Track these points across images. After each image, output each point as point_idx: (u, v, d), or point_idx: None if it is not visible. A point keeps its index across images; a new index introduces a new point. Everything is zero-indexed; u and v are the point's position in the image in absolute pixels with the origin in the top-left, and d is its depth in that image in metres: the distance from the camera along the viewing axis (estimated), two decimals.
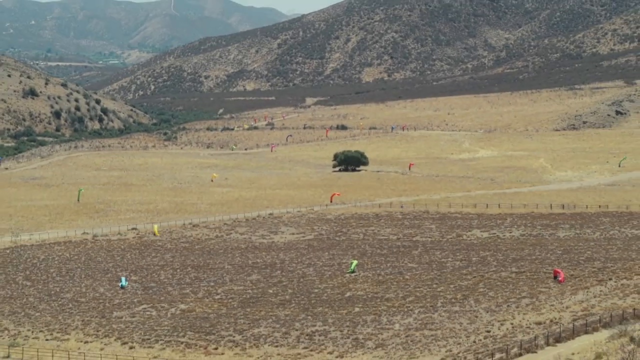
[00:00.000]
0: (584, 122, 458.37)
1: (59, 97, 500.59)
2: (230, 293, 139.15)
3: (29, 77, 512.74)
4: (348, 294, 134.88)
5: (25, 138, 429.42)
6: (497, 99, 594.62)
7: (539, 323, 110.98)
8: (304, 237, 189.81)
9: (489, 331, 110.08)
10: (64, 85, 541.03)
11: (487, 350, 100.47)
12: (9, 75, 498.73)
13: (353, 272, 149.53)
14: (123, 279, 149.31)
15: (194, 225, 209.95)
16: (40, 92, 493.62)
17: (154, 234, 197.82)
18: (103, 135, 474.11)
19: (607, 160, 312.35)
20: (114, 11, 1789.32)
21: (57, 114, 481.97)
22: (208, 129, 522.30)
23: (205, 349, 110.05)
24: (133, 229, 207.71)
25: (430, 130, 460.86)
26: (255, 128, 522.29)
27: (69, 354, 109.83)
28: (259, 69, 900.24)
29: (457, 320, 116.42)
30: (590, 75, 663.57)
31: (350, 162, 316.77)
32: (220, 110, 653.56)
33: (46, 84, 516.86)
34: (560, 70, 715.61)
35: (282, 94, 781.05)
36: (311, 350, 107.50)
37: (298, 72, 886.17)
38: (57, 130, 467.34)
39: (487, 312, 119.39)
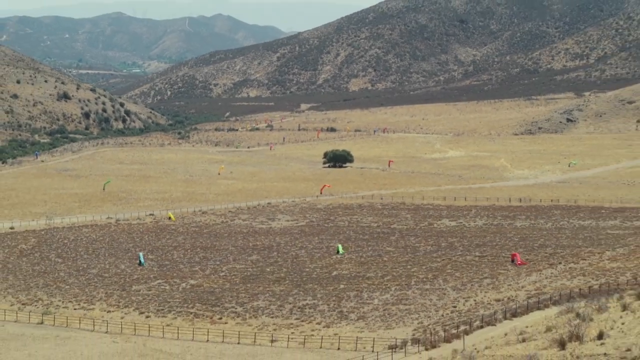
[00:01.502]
0: (539, 128, 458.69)
1: (88, 100, 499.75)
2: (233, 271, 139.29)
3: (62, 83, 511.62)
4: (334, 273, 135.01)
5: (59, 135, 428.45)
6: (464, 107, 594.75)
7: (498, 300, 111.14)
8: (297, 223, 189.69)
9: (455, 306, 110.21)
10: (93, 90, 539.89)
11: (454, 323, 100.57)
12: (46, 81, 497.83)
13: (340, 253, 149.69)
14: (141, 254, 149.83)
15: (203, 212, 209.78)
16: (72, 95, 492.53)
17: (169, 219, 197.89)
18: (126, 134, 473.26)
19: (559, 161, 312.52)
20: (137, 27, 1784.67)
21: (86, 115, 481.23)
22: (216, 129, 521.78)
23: (211, 319, 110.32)
24: (150, 214, 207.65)
25: (407, 133, 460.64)
26: (257, 129, 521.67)
27: (94, 322, 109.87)
28: (261, 79, 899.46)
29: (427, 296, 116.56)
30: (545, 87, 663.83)
31: (338, 159, 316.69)
32: (227, 114, 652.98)
33: (77, 88, 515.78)
34: (520, 83, 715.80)
35: (280, 100, 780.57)
36: (302, 321, 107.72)
37: (294, 82, 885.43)
38: (87, 129, 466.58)
39: (454, 290, 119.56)
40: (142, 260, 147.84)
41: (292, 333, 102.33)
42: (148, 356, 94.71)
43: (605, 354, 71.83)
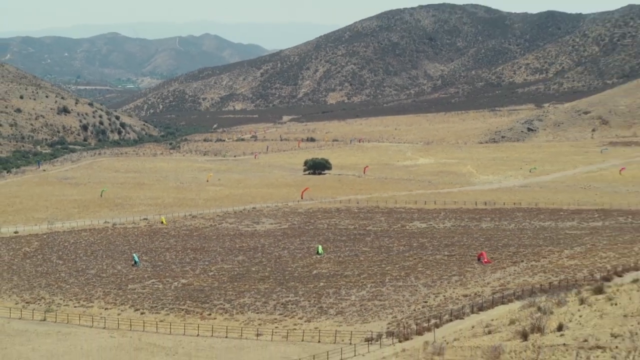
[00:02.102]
0: (503, 137, 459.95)
1: (86, 114, 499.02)
2: (221, 270, 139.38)
3: (62, 98, 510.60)
4: (315, 271, 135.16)
5: (59, 146, 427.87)
6: (433, 118, 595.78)
7: (466, 295, 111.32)
8: (280, 226, 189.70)
9: (426, 302, 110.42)
10: (90, 104, 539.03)
11: (425, 317, 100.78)
12: (47, 96, 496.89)
13: (319, 253, 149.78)
14: (135, 255, 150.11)
15: (193, 217, 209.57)
16: (72, 109, 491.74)
17: (162, 223, 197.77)
18: (121, 145, 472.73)
19: (521, 167, 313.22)
20: (131, 46, 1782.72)
21: (84, 127, 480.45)
22: (205, 140, 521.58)
23: (201, 315, 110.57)
24: (144, 219, 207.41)
25: (380, 142, 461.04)
26: (242, 140, 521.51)
27: (92, 318, 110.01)
28: (246, 93, 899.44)
29: (401, 293, 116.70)
30: (507, 99, 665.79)
31: (317, 167, 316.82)
32: (215, 125, 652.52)
33: (76, 103, 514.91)
34: (484, 96, 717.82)
35: (263, 112, 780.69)
36: (285, 316, 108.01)
37: (276, 95, 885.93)
38: (85, 140, 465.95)
39: (425, 286, 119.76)
40: (137, 260, 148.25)
41: (276, 327, 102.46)
42: (143, 350, 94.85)
43: (564, 344, 72.05)
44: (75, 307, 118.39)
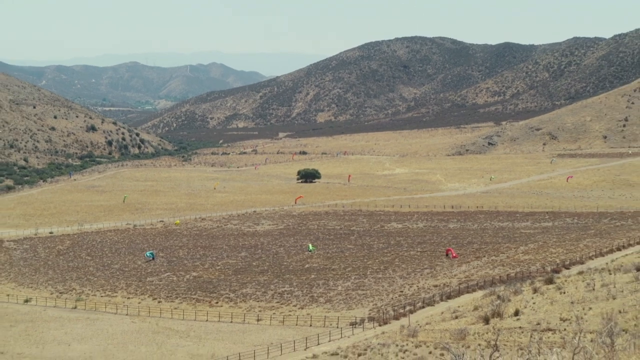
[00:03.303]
0: (467, 150, 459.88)
1: (110, 131, 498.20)
2: (226, 265, 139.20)
3: (90, 118, 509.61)
4: (307, 265, 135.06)
5: (88, 159, 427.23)
6: (408, 134, 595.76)
7: (436, 286, 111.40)
8: (277, 227, 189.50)
9: (402, 291, 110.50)
10: (114, 123, 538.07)
11: (401, 304, 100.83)
12: (77, 116, 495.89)
13: (311, 250, 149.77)
14: (151, 252, 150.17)
15: (202, 219, 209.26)
16: (98, 128, 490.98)
17: (175, 225, 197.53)
18: (141, 157, 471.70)
19: (482, 176, 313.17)
20: (149, 73, 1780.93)
21: (109, 143, 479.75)
22: (212, 153, 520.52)
23: (209, 303, 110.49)
24: (161, 221, 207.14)
25: (362, 155, 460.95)
26: (244, 153, 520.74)
27: (116, 306, 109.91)
28: (247, 113, 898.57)
29: (380, 283, 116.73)
30: (471, 118, 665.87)
31: (308, 176, 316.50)
32: (221, 141, 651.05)
33: (102, 122, 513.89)
34: (451, 115, 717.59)
35: (262, 130, 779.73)
36: (281, 304, 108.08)
37: (273, 115, 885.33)
38: (110, 153, 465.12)
39: (401, 278, 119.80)
40: (152, 255, 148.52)
41: (274, 313, 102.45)
42: (160, 333, 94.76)
43: (520, 327, 72.13)
44: (101, 296, 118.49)
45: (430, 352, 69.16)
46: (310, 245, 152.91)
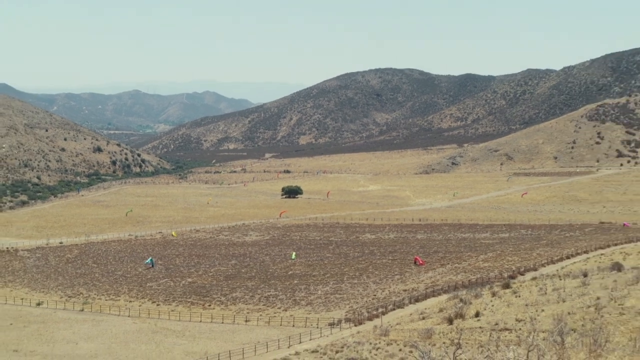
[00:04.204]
0: (433, 169, 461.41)
1: (115, 152, 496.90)
2: (218, 271, 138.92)
3: (97, 140, 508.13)
4: (290, 272, 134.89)
5: (94, 177, 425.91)
6: (380, 155, 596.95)
7: (405, 290, 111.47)
8: (263, 237, 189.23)
9: (375, 295, 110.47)
10: (118, 145, 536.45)
11: (374, 307, 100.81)
12: (85, 139, 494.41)
13: (294, 258, 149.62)
14: (150, 259, 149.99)
15: (197, 230, 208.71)
16: (104, 149, 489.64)
17: (172, 236, 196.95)
18: (142, 175, 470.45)
19: (446, 192, 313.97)
20: (150, 100, 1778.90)
21: (113, 162, 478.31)
22: (206, 172, 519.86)
23: (203, 306, 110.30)
24: (159, 232, 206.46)
25: (340, 174, 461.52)
26: (235, 171, 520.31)
27: (119, 309, 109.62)
28: (237, 136, 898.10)
29: (356, 288, 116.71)
30: (436, 141, 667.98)
31: (292, 192, 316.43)
32: (214, 161, 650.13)
33: (107, 144, 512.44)
34: (419, 138, 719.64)
35: (250, 151, 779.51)
36: (267, 307, 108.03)
37: (260, 138, 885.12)
38: (114, 172, 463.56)
39: (374, 283, 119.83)
40: (151, 262, 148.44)
41: (260, 315, 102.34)
42: (158, 333, 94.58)
43: (480, 327, 72.17)
44: (106, 300, 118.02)
45: (400, 350, 69.19)
46: (293, 254, 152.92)
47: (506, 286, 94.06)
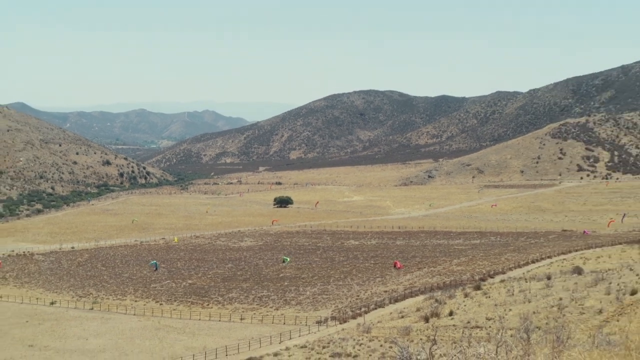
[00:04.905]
0: (411, 182, 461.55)
1: (122, 165, 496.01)
2: (216, 274, 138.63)
3: (105, 154, 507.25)
4: (281, 274, 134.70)
5: (103, 187, 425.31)
6: (363, 169, 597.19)
7: (386, 291, 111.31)
8: (257, 243, 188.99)
9: (358, 296, 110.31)
10: (125, 158, 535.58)
11: (357, 306, 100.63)
12: (95, 153, 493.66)
13: (285, 262, 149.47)
14: (155, 262, 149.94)
15: (196, 237, 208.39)
16: (112, 162, 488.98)
17: (174, 241, 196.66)
18: (146, 187, 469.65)
19: (423, 203, 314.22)
20: (154, 118, 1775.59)
21: (121, 174, 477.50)
22: (205, 183, 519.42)
23: (202, 305, 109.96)
24: (162, 238, 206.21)
25: (327, 185, 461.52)
26: (231, 183, 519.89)
27: (126, 308, 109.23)
28: (233, 151, 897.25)
29: (341, 289, 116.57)
30: (414, 156, 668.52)
31: (283, 202, 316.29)
32: (212, 173, 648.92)
33: (115, 157, 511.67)
34: (398, 153, 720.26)
35: (246, 164, 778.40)
36: (261, 306, 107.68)
37: (255, 153, 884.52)
38: (121, 183, 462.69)
39: (358, 285, 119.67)
40: (156, 263, 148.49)
41: (254, 314, 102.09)
42: (161, 329, 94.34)
43: (454, 325, 72.22)
44: (113, 300, 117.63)
45: (381, 345, 69.18)
46: (284, 258, 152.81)
47: (477, 288, 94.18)
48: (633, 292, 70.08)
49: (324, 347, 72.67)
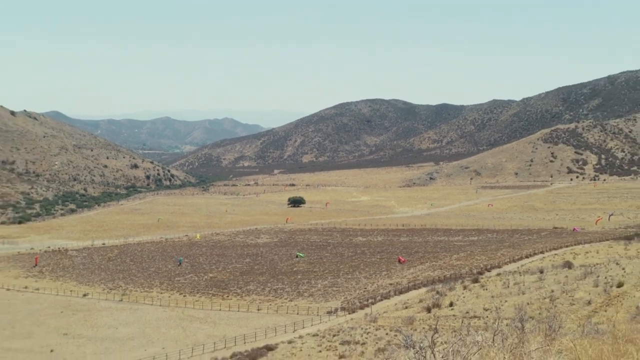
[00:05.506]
0: (414, 183, 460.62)
1: (148, 168, 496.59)
2: (235, 268, 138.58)
3: (133, 158, 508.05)
4: (295, 269, 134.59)
5: (131, 189, 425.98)
6: (370, 171, 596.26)
7: (391, 284, 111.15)
8: (272, 240, 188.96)
9: (366, 288, 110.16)
10: (151, 162, 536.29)
11: (365, 298, 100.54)
12: (124, 157, 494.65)
13: (298, 257, 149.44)
14: (180, 258, 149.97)
15: (217, 234, 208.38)
16: (139, 166, 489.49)
17: (197, 238, 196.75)
18: (171, 188, 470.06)
19: (425, 202, 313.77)
20: (178, 125, 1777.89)
21: (147, 177, 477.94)
22: (224, 185, 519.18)
23: (222, 297, 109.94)
24: (186, 235, 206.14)
25: (336, 187, 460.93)
26: (248, 185, 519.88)
27: (152, 299, 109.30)
28: (251, 155, 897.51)
29: (349, 282, 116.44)
30: (417, 159, 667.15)
31: (296, 202, 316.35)
32: (231, 176, 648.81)
33: (142, 161, 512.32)
34: (402, 157, 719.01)
35: (262, 168, 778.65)
36: (276, 298, 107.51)
37: (270, 157, 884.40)
38: (148, 185, 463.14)
39: (365, 278, 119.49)
40: (181, 260, 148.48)
41: (270, 305, 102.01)
42: (185, 319, 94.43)
43: (453, 315, 72.11)
44: (141, 292, 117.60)
45: (387, 334, 69.11)
46: (298, 253, 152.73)
47: (475, 281, 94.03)
48: (619, 285, 69.90)
49: (334, 335, 72.66)
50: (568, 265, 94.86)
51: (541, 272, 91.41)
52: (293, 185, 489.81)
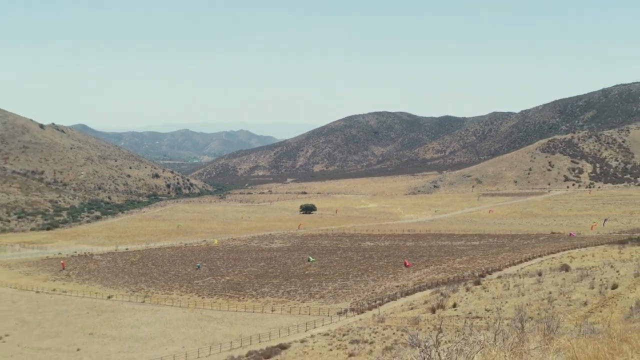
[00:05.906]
0: (419, 191, 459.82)
1: (169, 178, 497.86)
2: (250, 272, 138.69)
3: (155, 168, 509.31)
4: (307, 272, 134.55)
5: (153, 197, 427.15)
6: (377, 180, 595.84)
7: (397, 286, 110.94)
8: (286, 245, 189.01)
9: (374, 290, 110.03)
10: (172, 172, 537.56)
11: (373, 299, 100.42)
12: (145, 167, 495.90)
13: (310, 261, 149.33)
14: (199, 264, 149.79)
15: (233, 239, 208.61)
16: (160, 175, 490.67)
17: (214, 243, 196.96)
18: (190, 196, 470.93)
19: (429, 209, 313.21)
20: (196, 137, 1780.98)
21: (168, 186, 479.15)
22: (240, 193, 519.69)
23: (238, 298, 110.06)
24: (204, 240, 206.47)
25: (346, 194, 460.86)
26: (263, 193, 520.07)
27: (172, 301, 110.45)
28: (265, 165, 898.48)
29: (358, 285, 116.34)
30: (421, 168, 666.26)
31: (308, 209, 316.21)
32: (246, 184, 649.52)
33: (163, 171, 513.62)
34: (407, 166, 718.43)
35: (276, 177, 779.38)
36: (289, 299, 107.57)
37: (283, 166, 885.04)
38: (168, 193, 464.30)
39: (373, 281, 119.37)
40: (199, 265, 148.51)
41: (283, 306, 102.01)
42: (203, 319, 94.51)
43: (457, 315, 71.87)
44: (162, 294, 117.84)
45: (393, 333, 68.97)
46: (309, 257, 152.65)
47: (477, 283, 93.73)
48: (614, 287, 69.53)
49: (344, 335, 72.58)
50: (565, 268, 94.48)
51: (540, 274, 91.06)
52: (305, 193, 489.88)
